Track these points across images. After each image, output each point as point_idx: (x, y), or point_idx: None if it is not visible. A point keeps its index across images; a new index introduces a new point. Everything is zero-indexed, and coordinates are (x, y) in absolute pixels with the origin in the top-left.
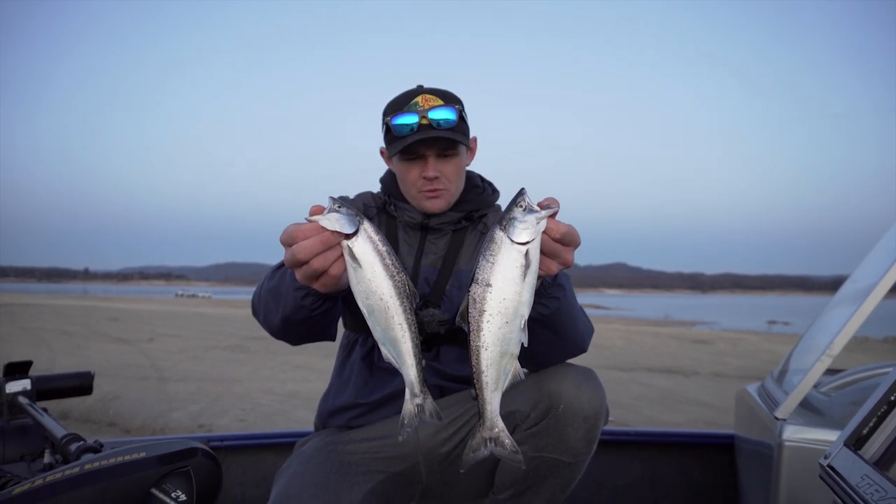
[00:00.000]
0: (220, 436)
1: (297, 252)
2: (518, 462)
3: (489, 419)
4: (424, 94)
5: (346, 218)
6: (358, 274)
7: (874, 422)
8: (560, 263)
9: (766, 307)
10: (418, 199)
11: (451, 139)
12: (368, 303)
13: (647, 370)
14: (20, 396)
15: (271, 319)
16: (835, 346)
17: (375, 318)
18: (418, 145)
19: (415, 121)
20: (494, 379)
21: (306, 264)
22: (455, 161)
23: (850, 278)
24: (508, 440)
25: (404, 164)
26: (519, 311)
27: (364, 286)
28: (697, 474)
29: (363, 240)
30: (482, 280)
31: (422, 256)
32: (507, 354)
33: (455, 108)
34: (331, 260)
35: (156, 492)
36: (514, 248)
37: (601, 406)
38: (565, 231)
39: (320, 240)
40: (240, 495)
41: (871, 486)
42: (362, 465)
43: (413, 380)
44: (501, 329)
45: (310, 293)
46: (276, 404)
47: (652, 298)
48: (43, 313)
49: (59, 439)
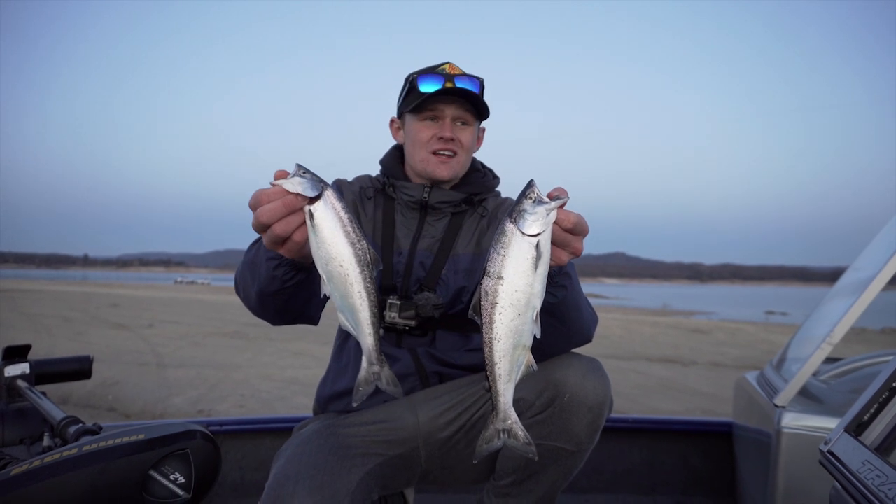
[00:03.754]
0: (219, 420)
1: (261, 215)
2: (531, 454)
3: (502, 411)
4: (451, 64)
5: (310, 182)
6: (318, 239)
7: (875, 408)
8: (570, 253)
9: (765, 297)
10: (426, 163)
11: (473, 101)
12: (328, 269)
13: (646, 359)
14: (19, 380)
15: (249, 294)
16: (835, 334)
17: (334, 284)
18: (438, 102)
19: (440, 82)
20: (507, 371)
21: (269, 228)
22: (470, 130)
23: (850, 267)
24: (522, 432)
25: (420, 124)
26: (531, 302)
27: (324, 251)
28: (696, 461)
29: (325, 204)
30: (494, 273)
31: (419, 239)
32: (520, 346)
33: (478, 82)
34: (293, 224)
35: (154, 474)
36: (525, 241)
37: (606, 396)
38: (576, 221)
39: (283, 203)
40: (239, 479)
41: (872, 471)
42: (361, 447)
43: (370, 349)
44: (514, 321)
45: (281, 263)
46: (276, 390)
47: (651, 288)
48: (42, 299)
49: (57, 422)
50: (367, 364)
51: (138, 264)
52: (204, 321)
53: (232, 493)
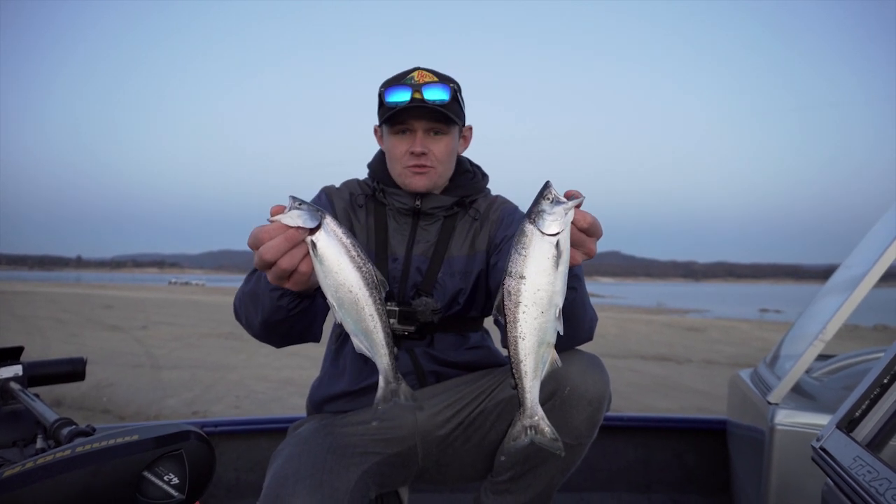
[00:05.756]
0: (214, 421)
1: (264, 253)
2: (558, 449)
3: (529, 407)
4: (421, 71)
5: (308, 213)
6: (324, 268)
7: (867, 404)
8: (584, 253)
9: (759, 295)
10: (403, 176)
11: (442, 113)
12: (338, 296)
13: (641, 357)
14: (12, 382)
15: (252, 323)
16: (827, 331)
17: (346, 310)
18: (408, 116)
19: (407, 93)
20: (533, 368)
21: (274, 265)
22: (445, 141)
23: (842, 265)
24: (548, 428)
25: (394, 138)
26: (553, 300)
27: (332, 279)
28: (690, 459)
29: (326, 233)
30: (516, 273)
31: (413, 245)
32: (544, 343)
33: (449, 87)
34: (297, 258)
35: (148, 475)
36: (546, 240)
37: (605, 391)
38: (591, 221)
39: (285, 238)
40: (234, 480)
41: (863, 467)
42: (359, 446)
43: (386, 368)
44: (537, 319)
45: (285, 293)
46: (271, 391)
47: (645, 286)
48: (36, 301)
49: (50, 424)
50: (385, 383)
51: (132, 265)
52: (198, 322)
53: (227, 493)
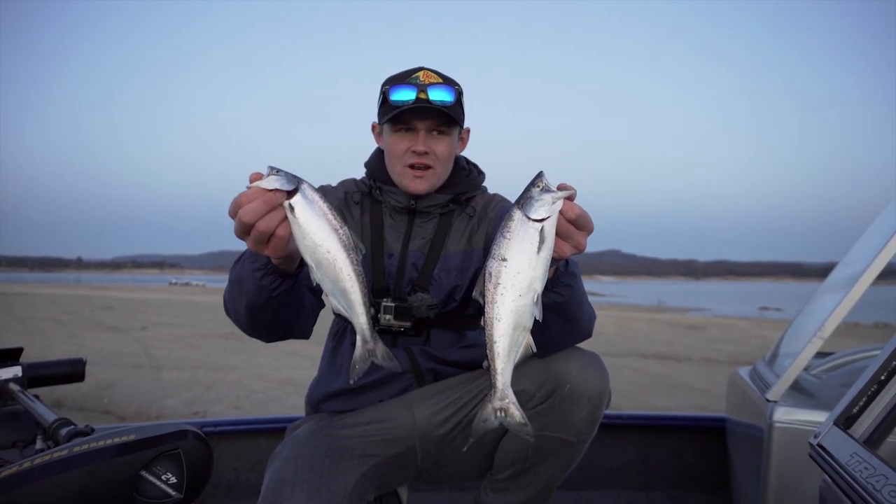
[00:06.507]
0: (213, 421)
1: (243, 216)
2: (527, 434)
3: (500, 390)
4: (426, 71)
5: (285, 178)
6: (302, 230)
7: (864, 401)
8: (573, 246)
9: (759, 293)
10: (402, 176)
11: (446, 115)
12: (316, 257)
13: (641, 356)
14: (11, 383)
15: (238, 310)
16: (825, 328)
17: (324, 270)
18: (412, 116)
19: (413, 93)
20: (506, 350)
21: (253, 228)
22: (446, 141)
23: (841, 262)
24: (518, 411)
25: (395, 136)
26: (532, 285)
27: (310, 240)
28: (690, 456)
29: (303, 196)
30: (498, 255)
31: (409, 241)
32: (520, 327)
33: (454, 90)
34: (275, 221)
35: (145, 474)
36: (530, 225)
37: (605, 388)
38: (580, 213)
39: (262, 201)
40: (233, 480)
41: (860, 463)
42: (357, 448)
43: (364, 327)
44: (515, 302)
45: (267, 272)
46: (271, 391)
47: (646, 285)
48: (36, 302)
49: (49, 424)
50: (362, 342)
51: (132, 266)
52: (199, 323)
53: (227, 493)
